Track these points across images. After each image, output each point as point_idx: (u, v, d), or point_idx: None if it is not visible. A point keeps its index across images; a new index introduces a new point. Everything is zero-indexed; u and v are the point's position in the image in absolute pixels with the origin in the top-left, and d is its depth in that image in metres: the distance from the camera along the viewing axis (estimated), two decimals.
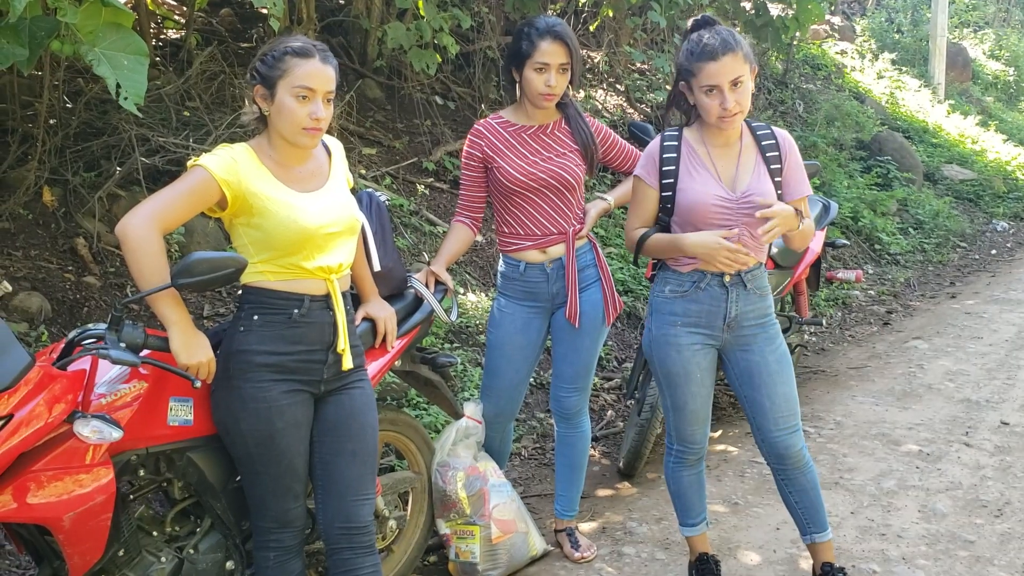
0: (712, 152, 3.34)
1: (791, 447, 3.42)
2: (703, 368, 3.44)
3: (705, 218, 3.29)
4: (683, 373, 3.43)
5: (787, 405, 3.41)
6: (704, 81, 3.18)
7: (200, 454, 2.90)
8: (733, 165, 3.33)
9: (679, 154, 3.35)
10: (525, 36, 3.62)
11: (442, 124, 7.64)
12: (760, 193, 3.27)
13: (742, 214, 3.27)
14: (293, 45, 2.79)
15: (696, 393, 3.45)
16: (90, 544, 2.59)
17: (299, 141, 2.81)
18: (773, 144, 3.37)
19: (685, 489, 3.65)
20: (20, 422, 2.39)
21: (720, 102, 3.17)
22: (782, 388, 3.41)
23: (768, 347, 3.42)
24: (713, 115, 3.21)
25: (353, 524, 2.91)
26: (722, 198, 3.28)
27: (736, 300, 3.36)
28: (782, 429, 3.41)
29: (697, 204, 3.29)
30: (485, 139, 3.76)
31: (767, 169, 3.33)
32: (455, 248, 3.86)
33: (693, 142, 3.36)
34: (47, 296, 4.48)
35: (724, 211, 3.28)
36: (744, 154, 3.35)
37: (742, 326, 3.39)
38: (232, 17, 7.54)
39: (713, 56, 3.16)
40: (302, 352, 2.86)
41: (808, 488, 3.50)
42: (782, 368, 3.43)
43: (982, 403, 5.90)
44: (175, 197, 2.70)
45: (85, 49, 3.39)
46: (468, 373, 5.42)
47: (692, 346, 3.41)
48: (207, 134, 5.50)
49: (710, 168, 3.32)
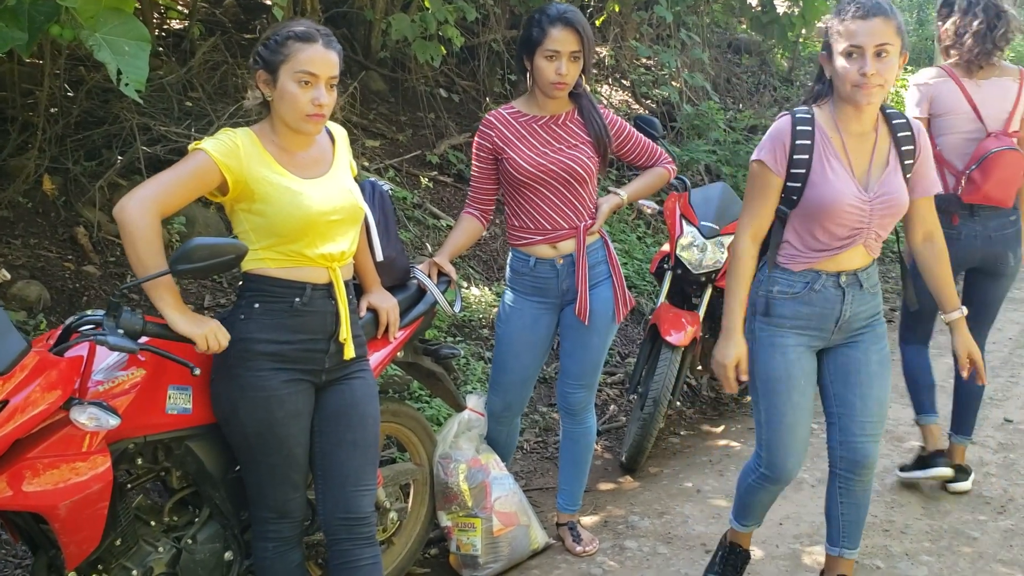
0: (847, 141, 3.04)
1: (870, 456, 3.22)
2: (807, 373, 3.19)
3: (838, 219, 3.02)
4: (786, 379, 3.15)
5: (879, 410, 3.21)
6: (848, 40, 2.90)
7: (199, 443, 2.87)
8: (867, 158, 3.05)
9: (813, 141, 3.03)
10: (536, 23, 3.56)
11: (446, 117, 7.61)
12: (895, 191, 3.03)
13: (875, 215, 3.04)
14: (296, 29, 2.75)
15: (798, 404, 3.16)
16: (87, 533, 2.56)
17: (302, 127, 2.78)
18: (909, 136, 3.08)
19: (755, 502, 3.45)
20: (15, 408, 2.35)
21: (860, 67, 2.89)
22: (878, 392, 3.20)
23: (874, 346, 3.20)
24: (849, 81, 2.92)
25: (353, 515, 2.88)
26: (858, 198, 3.00)
27: (851, 301, 3.13)
28: (867, 435, 3.20)
29: (833, 204, 2.99)
30: (496, 130, 3.71)
31: (901, 165, 3.06)
32: (461, 240, 3.82)
33: (826, 127, 3.05)
34: (46, 285, 4.46)
35: (859, 212, 3.02)
36: (879, 145, 3.07)
37: (852, 325, 3.17)
38: (236, 7, 7.52)
39: (864, 15, 2.88)
40: (303, 341, 2.83)
41: (862, 504, 3.33)
42: (882, 371, 3.22)
43: (985, 400, 5.84)
44: (175, 180, 2.66)
45: (86, 34, 3.36)
46: (471, 366, 5.39)
47: (798, 348, 3.16)
48: (209, 124, 5.48)
49: (844, 161, 3.03)
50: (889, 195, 3.03)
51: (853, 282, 3.13)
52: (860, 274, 3.13)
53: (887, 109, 3.12)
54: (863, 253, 3.13)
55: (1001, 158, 4.01)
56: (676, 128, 9.13)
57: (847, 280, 3.12)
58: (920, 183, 3.13)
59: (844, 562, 3.43)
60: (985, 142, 4.06)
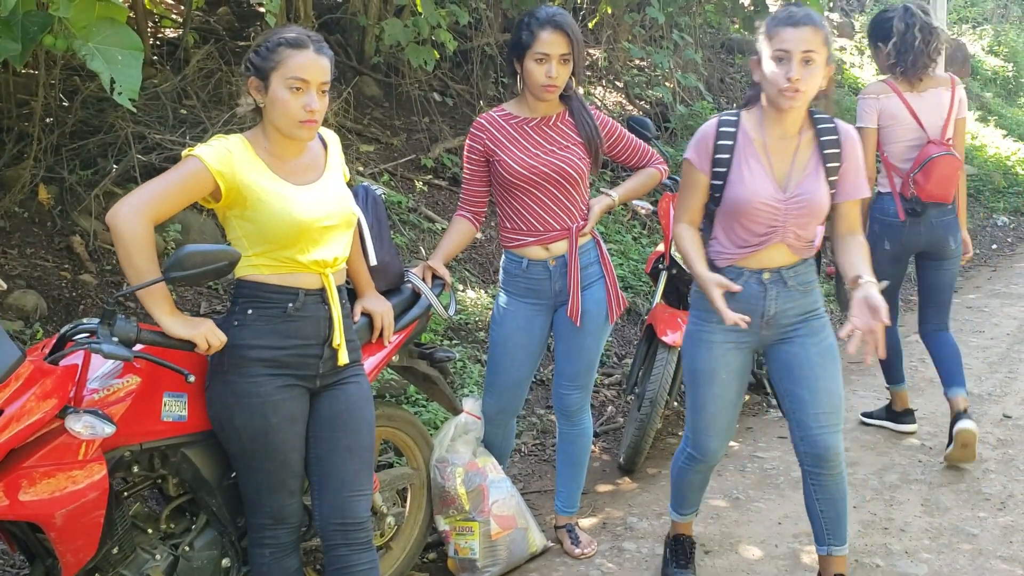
0: (769, 143, 3.18)
1: (830, 447, 3.26)
2: (731, 370, 3.31)
3: (753, 217, 3.15)
4: (708, 371, 3.31)
5: (829, 400, 3.25)
6: (777, 46, 3.02)
7: (195, 450, 2.87)
8: (789, 160, 3.17)
9: (735, 141, 3.19)
10: (525, 27, 3.57)
11: (440, 121, 7.61)
12: (810, 193, 3.13)
13: (791, 215, 3.14)
14: (287, 36, 2.76)
15: (718, 395, 3.33)
16: (83, 542, 2.56)
17: (294, 133, 2.78)
18: (835, 140, 3.18)
19: (686, 487, 3.63)
20: (10, 417, 2.35)
21: (786, 71, 3.01)
22: (825, 383, 3.25)
23: (811, 339, 3.27)
24: (775, 85, 3.04)
25: (349, 520, 2.88)
26: (772, 198, 3.13)
27: (776, 298, 3.22)
28: (823, 426, 3.25)
29: (745, 202, 3.14)
30: (487, 132, 3.72)
31: (823, 168, 3.16)
32: (455, 243, 3.83)
33: (751, 129, 3.20)
34: (43, 294, 4.46)
35: (773, 212, 3.14)
36: (802, 149, 3.18)
37: (781, 323, 3.26)
38: (229, 15, 7.53)
39: (794, 23, 3.01)
40: (297, 346, 2.83)
41: (838, 498, 3.36)
42: (825, 362, 3.27)
43: (984, 397, 5.88)
44: (167, 187, 2.66)
45: (79, 44, 3.37)
46: (467, 369, 5.39)
47: (724, 344, 3.28)
48: (204, 131, 5.49)
49: (764, 162, 3.16)
50: (804, 196, 3.14)
51: (777, 280, 3.22)
52: (785, 272, 3.22)
53: (816, 114, 3.22)
54: (786, 252, 3.22)
55: (940, 162, 4.58)
56: (670, 128, 9.15)
57: (770, 277, 3.22)
58: (843, 187, 3.21)
59: (835, 560, 3.44)
60: (926, 148, 4.62)
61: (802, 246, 3.22)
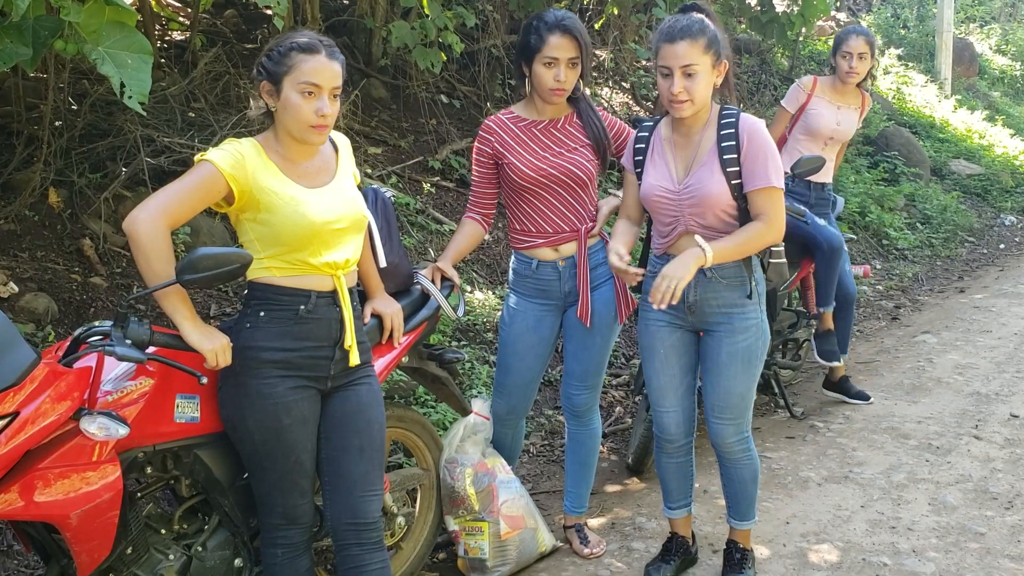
0: (676, 140, 3.40)
1: (719, 436, 3.55)
2: (667, 346, 3.53)
3: (655, 209, 3.43)
4: (648, 347, 3.57)
5: (725, 397, 3.48)
6: (660, 62, 3.24)
7: (207, 451, 2.90)
8: (691, 154, 3.37)
9: (648, 144, 3.47)
10: (534, 30, 3.58)
11: (447, 123, 7.63)
12: (699, 183, 3.30)
13: (686, 206, 3.34)
14: (299, 41, 2.78)
15: (659, 370, 3.56)
16: (98, 542, 2.59)
17: (306, 137, 2.81)
18: (731, 134, 3.32)
19: (664, 474, 3.79)
20: (26, 420, 2.38)
21: (669, 86, 3.22)
22: (724, 381, 3.46)
23: (727, 338, 3.43)
24: (664, 99, 3.28)
25: (361, 520, 2.90)
26: (665, 190, 3.36)
27: (695, 287, 3.39)
28: (716, 417, 3.52)
29: (646, 196, 3.42)
30: (495, 135, 3.74)
31: (719, 159, 3.30)
32: (463, 244, 3.84)
33: (664, 131, 3.45)
34: (54, 297, 4.48)
35: (668, 203, 3.37)
36: (703, 143, 3.36)
37: (705, 312, 3.44)
38: (237, 18, 7.55)
39: (671, 38, 3.20)
40: (309, 348, 2.85)
41: (735, 479, 3.65)
42: (732, 362, 3.43)
43: (991, 396, 5.88)
44: (182, 192, 2.69)
45: (88, 48, 3.38)
46: (476, 370, 5.41)
47: (657, 322, 3.53)
48: (212, 134, 5.51)
49: (668, 158, 3.40)
50: (694, 186, 3.32)
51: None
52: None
53: (724, 109, 3.38)
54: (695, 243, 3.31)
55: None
56: None
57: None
58: (747, 178, 3.31)
59: (733, 531, 3.77)
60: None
61: (713, 236, 3.31)
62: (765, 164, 3.30)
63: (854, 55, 5.38)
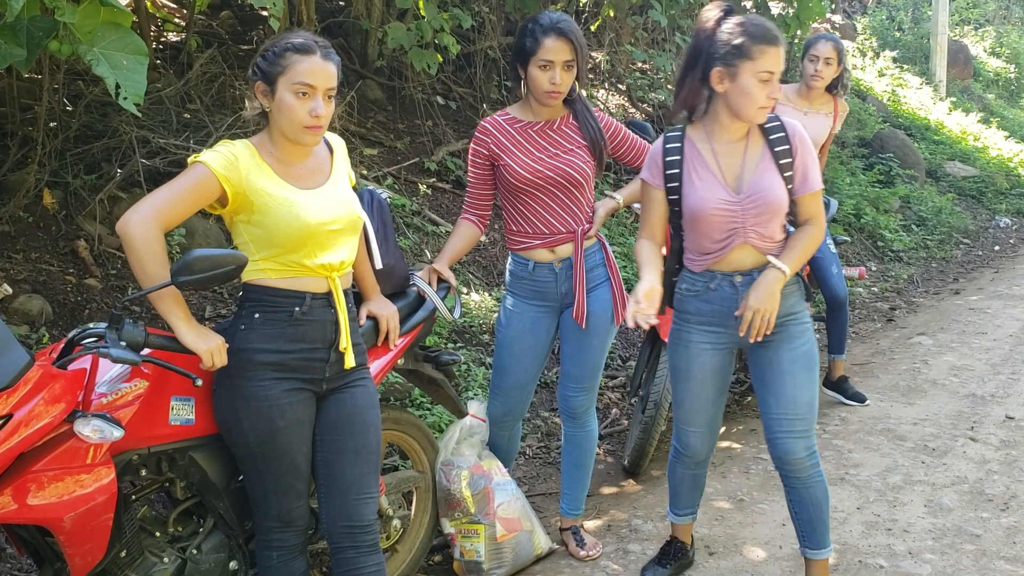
0: (717, 149, 3.22)
1: (789, 452, 3.30)
2: (706, 370, 3.38)
3: (710, 223, 3.20)
4: (685, 370, 3.41)
5: (793, 407, 3.27)
6: (763, 66, 3.07)
7: (202, 453, 2.89)
8: (739, 162, 3.21)
9: (682, 155, 3.25)
10: (529, 33, 3.57)
11: (443, 124, 7.62)
12: (763, 190, 3.15)
13: (748, 215, 3.17)
14: (294, 41, 2.77)
15: (694, 393, 3.42)
16: (91, 545, 2.57)
17: (300, 138, 2.80)
18: (783, 137, 3.22)
19: (677, 484, 3.71)
20: (20, 422, 2.37)
21: (769, 92, 3.07)
22: (791, 390, 3.27)
23: (785, 345, 3.28)
24: (760, 103, 3.09)
25: (356, 523, 2.89)
26: (725, 201, 3.17)
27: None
28: (784, 431, 3.29)
29: (700, 209, 3.19)
30: (491, 136, 3.73)
31: (775, 164, 3.19)
32: (459, 246, 3.84)
33: (697, 140, 3.25)
34: (48, 299, 4.47)
35: (729, 214, 3.18)
36: (750, 149, 3.22)
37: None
38: (232, 19, 7.54)
39: (776, 41, 3.08)
40: (304, 350, 2.84)
41: (808, 502, 3.39)
42: (796, 368, 3.27)
43: (987, 398, 5.88)
44: (176, 194, 2.68)
45: (84, 49, 3.38)
46: (472, 372, 5.40)
47: (700, 344, 3.36)
48: (208, 136, 5.49)
49: (713, 168, 3.21)
50: (758, 194, 3.16)
51: (748, 282, 3.24)
52: (757, 274, 3.22)
53: None
54: (753, 253, 3.24)
55: None
56: None
57: (741, 280, 3.26)
58: (800, 182, 3.22)
59: (813, 564, 3.50)
60: None
61: (769, 246, 3.23)
62: (815, 167, 3.24)
63: (821, 59, 5.49)
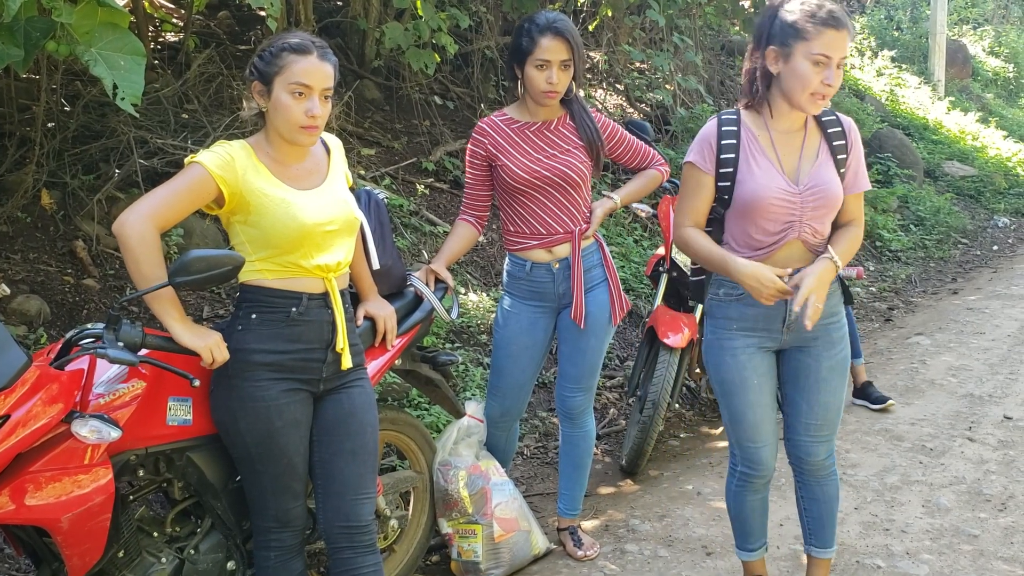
0: (776, 138, 3.08)
1: (812, 454, 3.27)
2: (760, 373, 3.20)
3: (767, 213, 3.05)
4: (739, 380, 3.19)
5: (824, 414, 3.22)
6: (818, 49, 2.89)
7: (200, 454, 2.89)
8: (796, 153, 3.08)
9: (739, 140, 3.08)
10: (526, 33, 3.57)
11: (441, 124, 7.62)
12: (824, 183, 3.04)
13: (807, 208, 3.05)
14: (291, 41, 2.77)
15: (755, 402, 3.20)
16: (89, 545, 2.57)
17: (296, 139, 2.80)
18: (840, 132, 3.12)
19: (748, 514, 3.43)
20: (17, 422, 2.37)
21: (824, 78, 2.91)
22: (824, 396, 3.20)
23: (826, 351, 3.18)
24: (811, 89, 2.92)
25: (353, 523, 2.89)
26: (785, 191, 3.03)
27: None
28: (811, 435, 3.24)
29: (759, 199, 3.03)
30: (489, 137, 3.73)
31: (832, 158, 3.09)
32: (457, 247, 3.84)
33: (754, 127, 3.10)
34: (46, 299, 4.47)
35: (788, 205, 3.04)
36: (808, 141, 3.10)
37: (802, 327, 3.06)
38: (230, 19, 7.54)
39: (838, 24, 2.90)
40: (301, 351, 2.84)
41: (820, 499, 3.36)
42: (832, 376, 3.20)
43: (985, 398, 5.88)
44: (172, 194, 2.68)
45: (81, 49, 3.38)
46: (470, 373, 5.40)
47: (747, 349, 3.18)
48: (205, 136, 5.49)
49: (772, 157, 3.07)
50: (819, 187, 3.05)
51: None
52: None
53: None
54: (803, 251, 3.11)
55: None
56: (670, 132, 9.17)
57: (787, 281, 3.04)
58: (848, 180, 3.13)
59: (818, 562, 3.46)
60: None
61: (819, 243, 3.11)
62: (865, 166, 3.18)
63: None
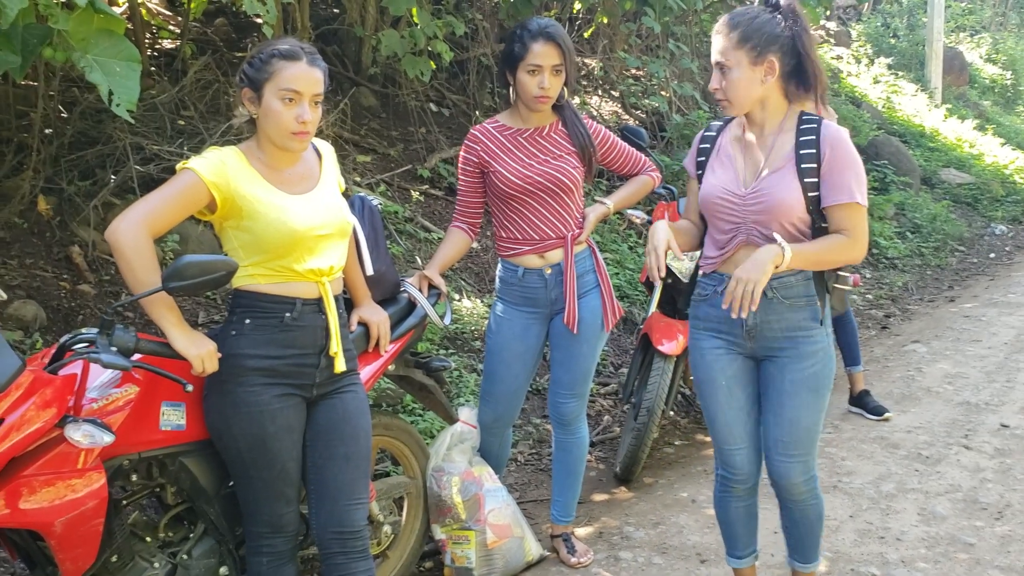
0: (746, 143, 3.08)
1: (784, 476, 3.15)
2: (729, 376, 3.17)
3: (714, 213, 3.08)
4: (708, 380, 3.20)
5: (791, 430, 3.09)
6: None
7: (193, 459, 2.89)
8: (761, 160, 3.04)
9: (713, 144, 3.17)
10: (517, 38, 3.60)
11: (436, 131, 7.64)
12: (768, 189, 2.97)
13: (750, 212, 3.01)
14: (280, 48, 2.78)
15: (725, 404, 3.19)
16: (83, 550, 2.58)
17: (287, 144, 2.81)
18: (812, 140, 2.98)
19: (731, 520, 3.41)
20: (10, 427, 2.38)
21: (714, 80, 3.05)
22: (789, 412, 3.09)
23: (793, 364, 3.08)
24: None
25: (346, 529, 2.90)
26: (730, 193, 3.03)
27: (757, 309, 2.98)
28: (780, 453, 3.14)
29: (707, 197, 3.09)
30: (481, 144, 3.74)
31: (796, 168, 2.97)
32: (450, 253, 3.85)
33: (734, 131, 3.14)
34: (42, 304, 4.48)
35: (732, 207, 3.03)
36: (776, 149, 3.03)
37: (766, 336, 3.07)
38: (227, 26, 7.54)
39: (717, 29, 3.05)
40: (294, 356, 2.85)
41: (800, 522, 3.28)
42: (797, 391, 3.08)
43: (981, 406, 5.89)
44: (164, 200, 2.69)
45: (77, 56, 3.40)
46: (463, 379, 5.41)
47: (714, 351, 3.17)
48: (202, 142, 5.50)
49: (737, 160, 3.08)
50: (764, 191, 2.99)
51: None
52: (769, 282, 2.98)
53: (806, 115, 3.05)
54: None
55: None
56: (666, 138, 9.18)
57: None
58: (827, 191, 2.97)
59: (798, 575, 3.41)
60: None
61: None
62: (848, 178, 2.95)
63: None
